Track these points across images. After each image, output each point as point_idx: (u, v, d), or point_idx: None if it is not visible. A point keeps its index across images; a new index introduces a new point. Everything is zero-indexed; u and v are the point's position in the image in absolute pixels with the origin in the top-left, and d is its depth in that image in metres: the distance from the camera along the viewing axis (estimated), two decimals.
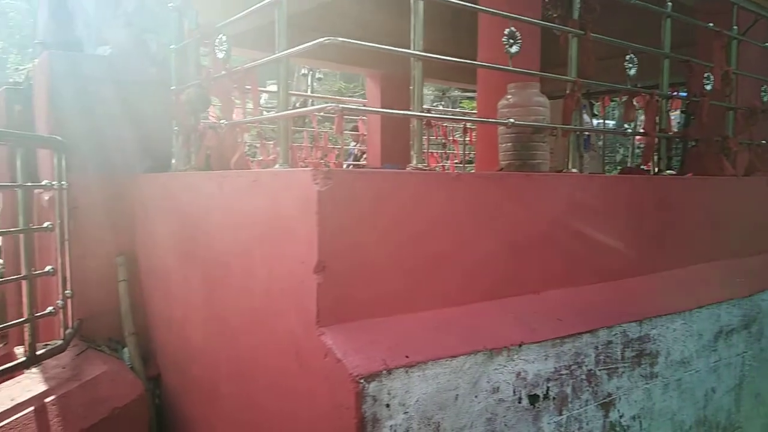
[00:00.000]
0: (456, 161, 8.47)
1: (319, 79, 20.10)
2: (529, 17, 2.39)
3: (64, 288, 2.58)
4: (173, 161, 2.92)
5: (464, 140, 7.83)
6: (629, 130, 3.39)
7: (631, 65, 2.71)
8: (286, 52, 2.01)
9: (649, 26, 3.03)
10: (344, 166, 8.26)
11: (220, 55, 2.39)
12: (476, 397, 1.77)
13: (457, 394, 1.72)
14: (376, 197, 1.76)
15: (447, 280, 1.91)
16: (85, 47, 3.15)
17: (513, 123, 2.27)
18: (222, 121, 2.44)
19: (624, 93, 2.90)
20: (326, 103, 9.84)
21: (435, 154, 8.35)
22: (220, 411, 2.31)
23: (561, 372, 1.97)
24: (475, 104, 16.59)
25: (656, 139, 2.92)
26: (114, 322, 3.00)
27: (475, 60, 2.84)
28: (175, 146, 2.91)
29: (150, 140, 3.06)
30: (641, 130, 2.96)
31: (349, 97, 15.78)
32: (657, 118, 2.90)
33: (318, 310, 1.66)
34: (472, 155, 10.12)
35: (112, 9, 3.06)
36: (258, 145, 6.63)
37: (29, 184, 2.35)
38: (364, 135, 7.62)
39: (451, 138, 8.14)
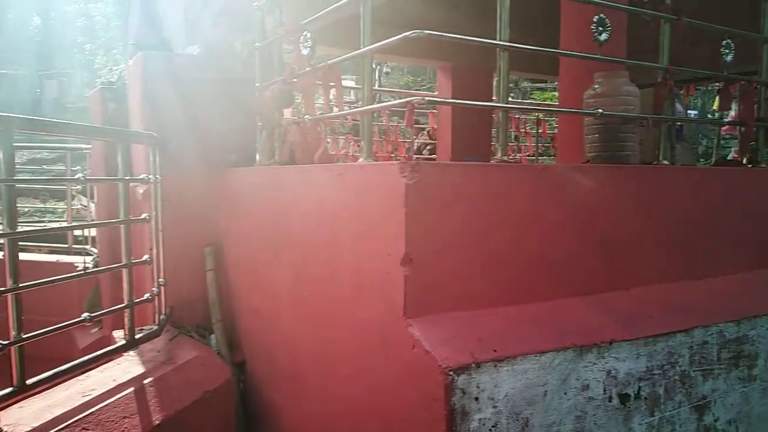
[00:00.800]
0: (528, 154, 8.29)
1: (387, 73, 20.20)
2: (616, 2, 2.29)
3: (158, 276, 2.73)
4: (257, 156, 3.02)
5: (537, 132, 7.64)
6: (724, 119, 3.19)
7: (727, 51, 2.56)
8: (371, 47, 2.03)
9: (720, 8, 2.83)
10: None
11: (305, 51, 2.44)
12: (565, 393, 1.73)
13: (546, 391, 1.70)
14: (463, 190, 1.76)
15: (534, 275, 1.88)
16: (175, 47, 3.30)
17: (602, 113, 2.19)
18: (306, 117, 2.50)
19: (719, 80, 2.74)
20: (394, 98, 9.91)
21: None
22: (304, 398, 2.38)
23: (653, 372, 1.90)
24: (546, 95, 16.17)
25: (754, 129, 2.75)
26: (201, 309, 3.15)
27: (557, 48, 2.77)
28: (259, 141, 3.00)
29: (235, 136, 3.18)
30: (732, 120, 2.79)
31: (416, 90, 15.75)
32: (755, 106, 2.73)
33: (405, 302, 1.68)
34: (543, 148, 9.89)
35: (200, 10, 3.19)
36: (329, 140, 6.75)
37: (129, 178, 2.49)
38: (434, 128, 7.58)
39: (523, 130, 7.97)
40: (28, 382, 1.95)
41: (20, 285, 1.90)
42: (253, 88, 2.99)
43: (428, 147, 8.08)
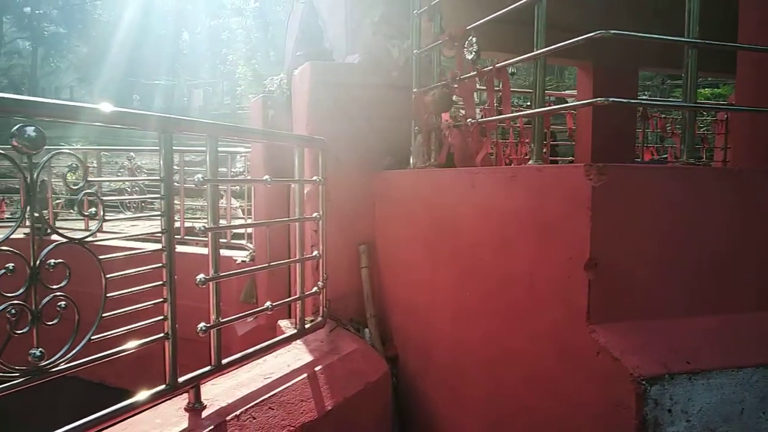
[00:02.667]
0: (676, 156, 7.73)
1: (512, 74, 19.82)
2: None
3: (323, 271, 2.91)
4: (411, 159, 3.12)
5: (726, 132, 7.05)
6: None
7: None
8: (546, 49, 2.03)
9: None
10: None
11: (469, 56, 2.49)
12: (764, 413, 1.61)
13: (743, 408, 1.59)
14: (651, 193, 1.70)
15: (729, 284, 1.77)
16: (336, 57, 3.50)
17: None
18: (469, 120, 2.54)
19: None
20: (523, 99, 9.68)
21: (652, 149, 7.70)
22: (463, 397, 2.42)
23: None
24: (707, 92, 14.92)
25: None
26: (355, 304, 3.32)
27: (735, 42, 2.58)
28: (414, 145, 3.10)
29: (390, 139, 3.31)
30: None
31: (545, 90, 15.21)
32: None
33: (589, 307, 1.65)
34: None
35: (359, 20, 3.36)
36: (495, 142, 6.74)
37: (306, 179, 2.68)
38: (572, 129, 7.31)
39: (669, 131, 7.44)
40: (223, 361, 2.18)
41: (221, 274, 2.13)
42: (410, 93, 3.10)
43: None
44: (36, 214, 1.50)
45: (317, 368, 2.52)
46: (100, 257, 1.68)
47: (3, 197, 9.41)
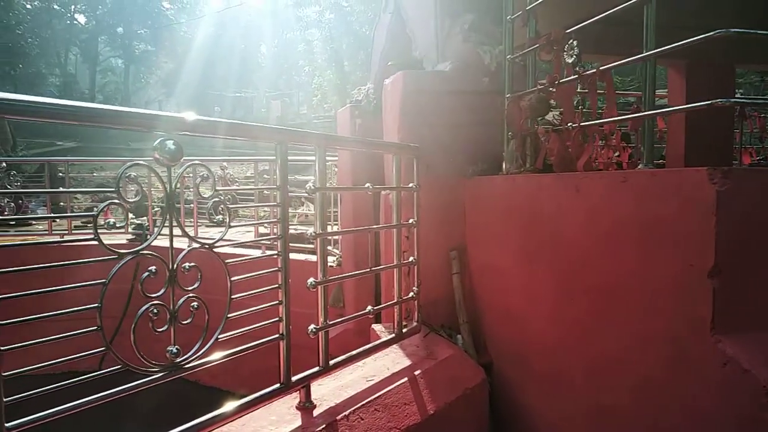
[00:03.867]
0: None
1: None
2: None
3: (417, 277, 2.95)
4: (504, 164, 3.11)
5: None
6: None
7: None
8: (655, 51, 1.97)
9: None
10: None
11: (570, 59, 2.46)
12: None
13: None
14: None
15: None
16: (426, 65, 3.55)
17: None
18: (569, 124, 2.50)
19: None
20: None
21: (751, 150, 7.22)
22: (566, 407, 2.38)
23: None
24: None
25: None
26: (446, 310, 3.33)
27: None
28: (506, 150, 3.08)
29: (480, 145, 3.31)
30: None
31: (625, 90, 14.69)
32: None
33: (713, 317, 1.59)
34: None
35: (449, 29, 3.39)
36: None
37: (403, 186, 2.74)
38: (663, 130, 6.99)
39: None
40: (331, 363, 2.25)
41: (329, 278, 2.21)
42: (501, 98, 3.09)
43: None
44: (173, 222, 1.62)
45: (416, 372, 2.55)
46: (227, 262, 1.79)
47: (108, 205, 10.10)
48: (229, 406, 1.84)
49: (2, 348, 1.24)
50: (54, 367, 1.40)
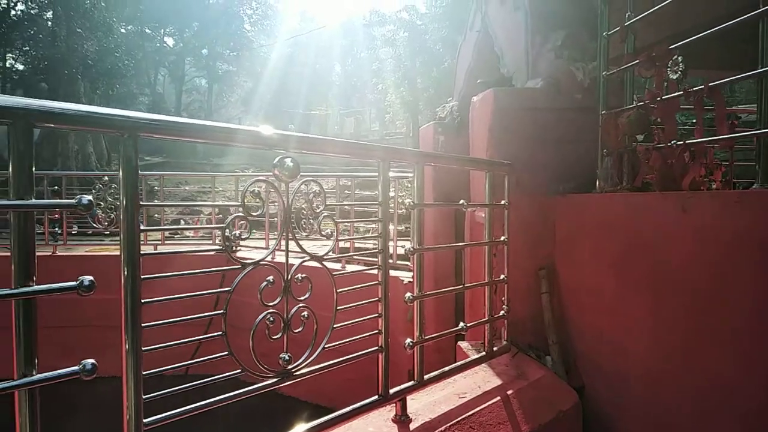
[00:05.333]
0: None
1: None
2: None
3: (506, 295, 2.92)
4: (598, 182, 3.04)
5: None
6: None
7: None
8: None
9: None
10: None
11: (674, 76, 2.39)
12: None
13: None
14: None
15: None
16: (516, 82, 3.54)
17: None
18: (673, 142, 2.42)
19: None
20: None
21: None
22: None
23: None
24: None
25: None
26: (534, 329, 3.27)
27: None
28: (600, 168, 3.01)
29: (571, 162, 3.25)
30: None
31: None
32: None
33: None
34: None
35: (540, 46, 3.37)
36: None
37: (495, 203, 2.74)
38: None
39: None
40: (425, 377, 2.27)
41: (424, 293, 2.24)
42: (594, 115, 3.03)
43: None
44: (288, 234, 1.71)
45: (508, 392, 2.52)
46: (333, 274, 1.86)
47: (197, 218, 10.66)
48: (329, 415, 1.89)
49: (144, 348, 1.35)
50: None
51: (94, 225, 6.71)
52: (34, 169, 1.14)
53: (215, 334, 1.53)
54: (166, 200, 12.39)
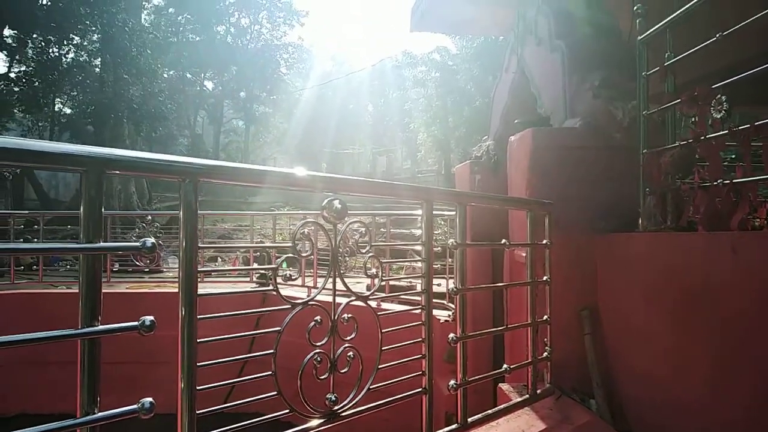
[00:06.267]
0: None
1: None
2: None
3: (548, 337, 2.87)
4: (641, 221, 3.00)
5: None
6: None
7: None
8: None
9: None
10: None
11: (718, 114, 2.37)
12: None
13: None
14: None
15: None
16: (552, 122, 3.56)
17: None
18: (720, 181, 2.39)
19: None
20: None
21: None
22: None
23: None
24: None
25: None
26: (577, 372, 3.18)
27: None
28: (643, 207, 2.98)
29: (612, 201, 3.22)
30: None
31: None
32: None
33: None
34: None
35: (578, 85, 3.40)
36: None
37: (537, 242, 2.72)
38: None
39: None
40: (469, 420, 2.23)
41: (468, 334, 2.23)
42: (634, 154, 3.01)
43: None
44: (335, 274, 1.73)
45: None
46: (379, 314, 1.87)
47: (237, 255, 10.84)
48: None
49: (198, 387, 1.38)
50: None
51: (137, 263, 6.88)
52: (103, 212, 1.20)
53: (266, 373, 1.55)
54: (205, 238, 12.63)
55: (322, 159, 36.25)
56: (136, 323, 1.20)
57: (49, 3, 19.09)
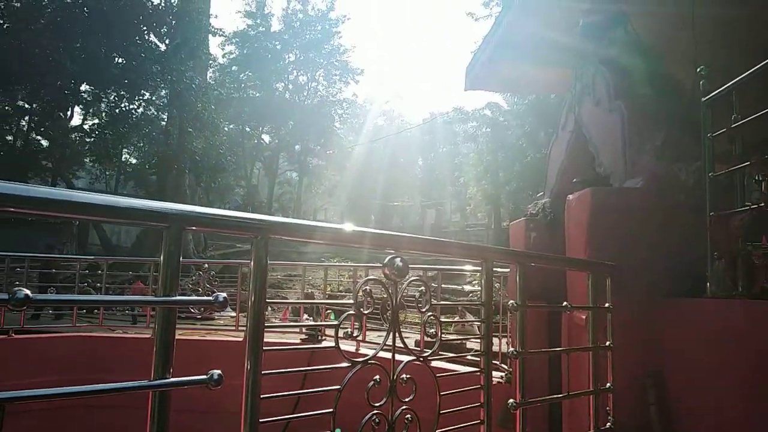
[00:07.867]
0: None
1: None
2: None
3: (614, 405, 2.73)
4: (709, 286, 2.87)
5: None
6: None
7: None
8: None
9: None
10: None
11: None
12: None
13: None
14: None
15: None
16: (612, 181, 3.51)
17: None
18: None
19: None
20: None
21: None
22: None
23: None
24: None
25: None
26: None
27: None
28: (710, 271, 2.85)
29: (676, 265, 3.10)
30: None
31: None
32: None
33: None
34: None
35: (640, 145, 3.35)
36: None
37: (598, 306, 2.64)
38: None
39: None
40: None
41: (528, 400, 2.15)
42: (699, 215, 2.91)
43: None
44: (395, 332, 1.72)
45: None
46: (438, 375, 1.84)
47: (288, 307, 10.94)
48: None
49: None
50: None
51: (191, 310, 7.02)
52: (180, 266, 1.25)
53: None
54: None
55: (371, 211, 36.65)
56: (205, 377, 1.22)
57: (123, 62, 20.55)
